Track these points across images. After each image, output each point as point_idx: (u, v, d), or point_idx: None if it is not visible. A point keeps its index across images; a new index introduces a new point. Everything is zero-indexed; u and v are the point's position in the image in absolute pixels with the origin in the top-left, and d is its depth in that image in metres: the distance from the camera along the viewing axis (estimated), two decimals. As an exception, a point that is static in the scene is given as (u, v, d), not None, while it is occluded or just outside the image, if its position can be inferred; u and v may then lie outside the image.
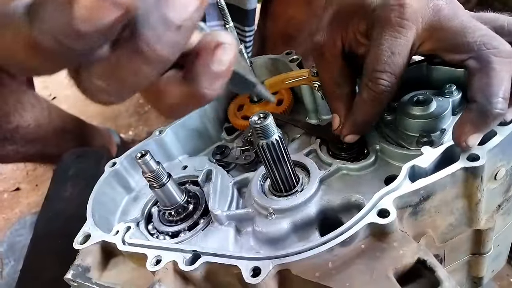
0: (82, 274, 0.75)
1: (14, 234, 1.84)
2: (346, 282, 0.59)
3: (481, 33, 0.66)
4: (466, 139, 0.65)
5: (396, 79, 0.71)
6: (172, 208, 0.83)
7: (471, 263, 0.84)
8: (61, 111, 1.97)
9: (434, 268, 0.58)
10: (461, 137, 0.65)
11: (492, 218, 0.76)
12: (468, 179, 0.66)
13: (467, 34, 0.67)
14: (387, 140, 0.80)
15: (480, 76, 0.64)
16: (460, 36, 0.67)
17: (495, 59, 0.64)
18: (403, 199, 0.64)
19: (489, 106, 0.63)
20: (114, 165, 0.92)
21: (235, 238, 0.79)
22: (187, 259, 0.67)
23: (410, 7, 0.69)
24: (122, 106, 2.69)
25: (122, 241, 0.75)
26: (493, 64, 0.64)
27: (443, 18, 0.69)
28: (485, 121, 0.64)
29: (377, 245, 0.62)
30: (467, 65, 0.67)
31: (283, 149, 0.73)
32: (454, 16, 0.69)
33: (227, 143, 1.01)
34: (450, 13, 0.70)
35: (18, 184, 2.34)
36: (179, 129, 0.98)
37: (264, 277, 0.60)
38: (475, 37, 0.66)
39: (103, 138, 2.14)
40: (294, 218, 0.74)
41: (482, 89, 0.64)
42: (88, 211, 0.82)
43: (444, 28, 0.69)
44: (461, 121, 0.66)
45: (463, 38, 0.67)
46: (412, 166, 0.67)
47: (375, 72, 0.71)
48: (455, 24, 0.69)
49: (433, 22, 0.70)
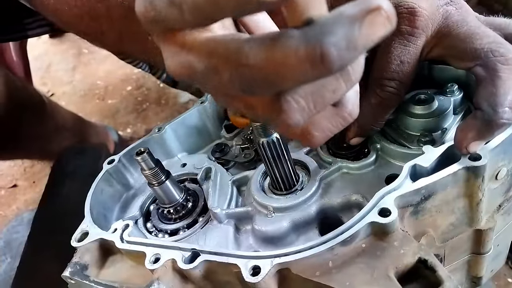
0: (80, 272, 0.74)
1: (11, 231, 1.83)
2: (346, 281, 0.58)
3: (488, 40, 0.65)
4: (468, 145, 0.64)
5: (405, 86, 0.71)
6: (171, 206, 0.83)
7: (470, 263, 0.84)
8: (60, 108, 1.97)
9: (435, 268, 0.57)
10: (463, 142, 0.64)
11: (493, 218, 0.75)
12: (470, 179, 0.65)
13: (474, 40, 0.66)
14: (388, 139, 0.80)
15: (486, 84, 0.63)
16: (467, 43, 0.66)
17: (502, 67, 0.63)
18: (404, 198, 0.63)
19: (495, 116, 0.62)
20: (113, 162, 0.92)
21: (234, 237, 0.78)
22: (186, 257, 0.67)
23: (422, 16, 0.68)
24: (121, 104, 2.69)
25: (120, 239, 0.75)
26: (499, 72, 0.62)
27: (451, 24, 0.69)
28: (489, 130, 0.63)
29: (377, 244, 0.61)
30: (474, 72, 0.66)
31: (284, 147, 0.73)
32: (463, 22, 0.68)
33: (226, 141, 1.01)
34: (459, 19, 0.69)
35: (16, 181, 2.33)
36: (178, 127, 0.97)
37: (264, 276, 0.60)
38: (482, 44, 0.65)
39: (101, 136, 2.13)
40: (294, 216, 0.74)
41: (488, 98, 0.63)
42: (86, 209, 0.82)
43: (452, 34, 0.68)
44: (465, 127, 0.65)
45: (471, 44, 0.66)
46: (413, 165, 0.66)
47: (383, 80, 0.71)
48: (464, 30, 0.68)
49: (442, 29, 0.69)
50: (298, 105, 0.43)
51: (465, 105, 0.79)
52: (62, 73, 3.16)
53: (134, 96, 2.73)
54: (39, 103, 1.75)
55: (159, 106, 2.59)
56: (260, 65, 0.37)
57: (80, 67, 3.18)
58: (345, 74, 0.42)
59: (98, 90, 2.88)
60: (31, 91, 1.76)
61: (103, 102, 2.78)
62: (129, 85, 2.82)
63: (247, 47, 0.38)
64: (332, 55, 0.34)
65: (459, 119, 0.78)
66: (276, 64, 0.37)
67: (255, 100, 0.46)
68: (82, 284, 0.74)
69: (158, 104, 2.60)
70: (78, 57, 3.27)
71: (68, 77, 3.11)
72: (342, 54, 0.35)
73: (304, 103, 0.43)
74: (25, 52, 2.14)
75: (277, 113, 0.43)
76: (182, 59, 0.44)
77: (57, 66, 3.23)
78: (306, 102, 0.43)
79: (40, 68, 3.19)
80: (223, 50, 0.40)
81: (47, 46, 3.45)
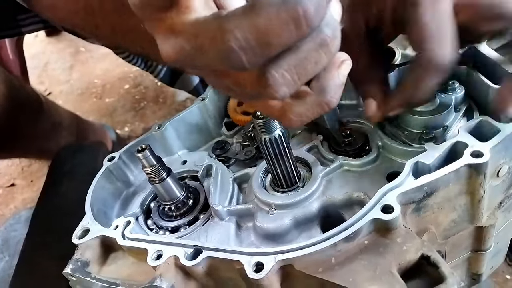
0: (81, 269, 0.74)
1: (8, 229, 1.82)
2: (349, 277, 0.59)
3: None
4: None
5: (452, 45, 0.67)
6: (172, 203, 0.83)
7: (471, 259, 0.84)
8: (57, 107, 1.97)
9: (438, 264, 0.57)
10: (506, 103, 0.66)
11: (494, 215, 0.76)
12: (472, 176, 0.65)
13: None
14: (389, 136, 0.80)
15: None
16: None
17: None
18: (407, 195, 0.63)
19: None
20: (113, 159, 0.91)
21: (236, 234, 0.78)
22: (189, 254, 0.66)
23: None
24: (118, 102, 2.68)
25: (122, 236, 0.75)
26: None
27: None
28: None
29: (380, 241, 0.62)
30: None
31: (286, 145, 0.73)
32: None
33: (226, 139, 1.00)
34: None
35: (13, 180, 2.32)
36: (178, 124, 0.97)
37: (267, 272, 0.60)
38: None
39: (99, 134, 2.13)
40: (295, 213, 0.74)
41: None
42: (87, 205, 0.81)
43: None
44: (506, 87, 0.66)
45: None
46: (415, 162, 0.66)
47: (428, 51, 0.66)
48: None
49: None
50: (283, 78, 0.46)
51: (466, 102, 0.79)
52: (59, 72, 3.15)
53: (131, 95, 2.72)
54: (35, 102, 1.75)
55: (156, 104, 2.58)
56: (245, 37, 0.40)
57: (78, 65, 3.17)
58: (325, 46, 0.46)
59: (95, 89, 2.87)
60: (28, 90, 1.75)
61: (100, 100, 2.77)
62: (126, 83, 2.81)
63: (231, 22, 0.41)
64: (311, 10, 0.40)
65: (460, 117, 0.78)
66: (260, 31, 0.40)
67: (242, 76, 0.49)
68: (83, 281, 0.74)
69: (156, 102, 2.60)
70: (75, 56, 3.25)
71: (65, 75, 3.10)
72: (319, 9, 0.40)
73: (288, 76, 0.46)
74: (22, 50, 2.13)
75: (263, 87, 0.47)
76: (172, 42, 0.47)
77: (55, 65, 3.22)
78: (291, 75, 0.46)
79: (37, 66, 3.18)
80: (208, 29, 0.43)
81: (44, 45, 3.43)
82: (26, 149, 1.86)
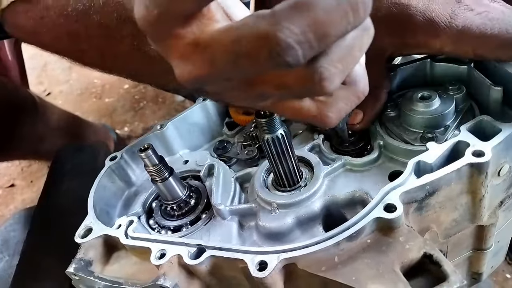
0: (84, 268, 0.74)
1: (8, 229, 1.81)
2: (352, 276, 0.59)
3: None
4: None
5: None
6: (174, 202, 0.83)
7: (472, 259, 0.84)
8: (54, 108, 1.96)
9: (441, 263, 0.58)
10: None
11: (495, 214, 0.76)
12: (473, 175, 0.66)
13: None
14: (391, 136, 0.80)
15: None
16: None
17: None
18: (409, 194, 0.64)
19: None
20: (115, 159, 0.92)
21: (238, 233, 0.78)
22: (192, 253, 0.67)
23: None
24: (118, 102, 2.68)
25: (125, 235, 0.75)
26: None
27: None
28: None
29: (383, 240, 0.62)
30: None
31: (288, 144, 0.73)
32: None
33: (228, 138, 1.01)
34: None
35: (13, 181, 2.32)
36: (180, 124, 0.97)
37: (271, 271, 0.60)
38: None
39: (99, 134, 2.13)
40: (298, 213, 0.74)
41: None
42: (90, 205, 0.82)
43: None
44: None
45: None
46: (417, 161, 0.67)
47: None
48: None
49: None
50: (336, 69, 0.44)
51: (467, 102, 0.79)
52: (58, 72, 3.14)
53: (131, 95, 2.72)
54: (30, 104, 1.74)
55: (156, 104, 2.58)
56: (302, 30, 0.38)
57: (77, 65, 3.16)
58: (367, 29, 0.45)
59: (95, 89, 2.87)
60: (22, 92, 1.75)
61: (100, 100, 2.77)
62: (126, 83, 2.81)
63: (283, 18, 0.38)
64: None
65: (461, 117, 0.78)
66: (318, 23, 0.38)
67: (287, 76, 0.45)
68: (86, 280, 0.74)
69: (155, 102, 2.60)
70: (74, 56, 3.24)
71: (64, 76, 3.10)
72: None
73: (341, 66, 0.44)
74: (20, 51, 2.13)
75: (315, 83, 0.43)
76: (198, 60, 0.43)
77: (54, 65, 3.21)
78: (343, 65, 0.44)
79: (37, 67, 3.17)
80: (254, 31, 0.39)
81: (43, 45, 3.42)
82: (23, 152, 1.85)
